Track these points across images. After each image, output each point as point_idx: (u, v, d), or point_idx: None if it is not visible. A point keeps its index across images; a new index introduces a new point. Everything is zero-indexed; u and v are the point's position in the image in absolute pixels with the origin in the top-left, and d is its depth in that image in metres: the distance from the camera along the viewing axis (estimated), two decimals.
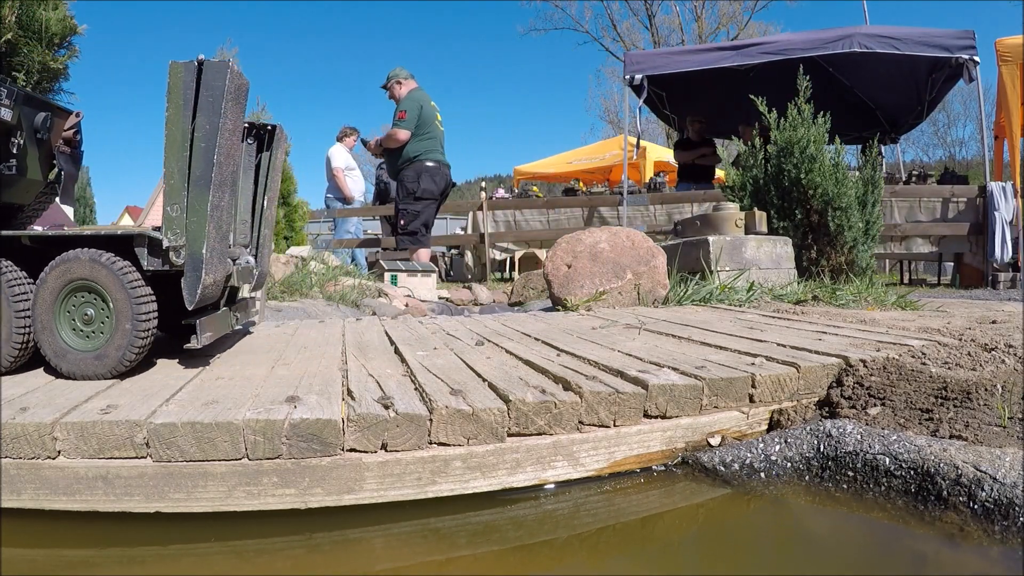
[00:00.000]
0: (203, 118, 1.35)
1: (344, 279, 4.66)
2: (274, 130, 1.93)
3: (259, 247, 1.94)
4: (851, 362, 1.47)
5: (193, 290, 1.37)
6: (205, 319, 1.49)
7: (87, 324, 1.40)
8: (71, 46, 3.28)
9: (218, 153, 1.36)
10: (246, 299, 2.00)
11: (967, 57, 6.47)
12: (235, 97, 1.41)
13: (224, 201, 1.44)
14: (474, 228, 8.68)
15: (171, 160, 1.36)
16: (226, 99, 1.36)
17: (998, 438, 1.13)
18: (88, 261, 1.38)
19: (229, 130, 1.40)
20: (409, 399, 1.20)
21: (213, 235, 1.39)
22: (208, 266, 1.38)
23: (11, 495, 1.05)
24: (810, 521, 1.07)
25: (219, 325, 1.60)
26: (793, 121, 4.39)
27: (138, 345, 1.39)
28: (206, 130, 1.35)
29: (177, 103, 1.34)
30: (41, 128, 1.87)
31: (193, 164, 1.36)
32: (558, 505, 1.14)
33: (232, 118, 1.41)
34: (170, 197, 1.36)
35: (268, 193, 1.94)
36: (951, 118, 28.50)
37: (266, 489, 1.06)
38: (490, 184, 17.41)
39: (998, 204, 6.42)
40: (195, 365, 1.57)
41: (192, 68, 1.35)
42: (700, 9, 25.84)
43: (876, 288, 3.42)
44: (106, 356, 1.38)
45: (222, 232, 1.45)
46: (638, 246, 3.15)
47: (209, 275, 1.39)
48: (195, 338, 1.43)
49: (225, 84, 1.35)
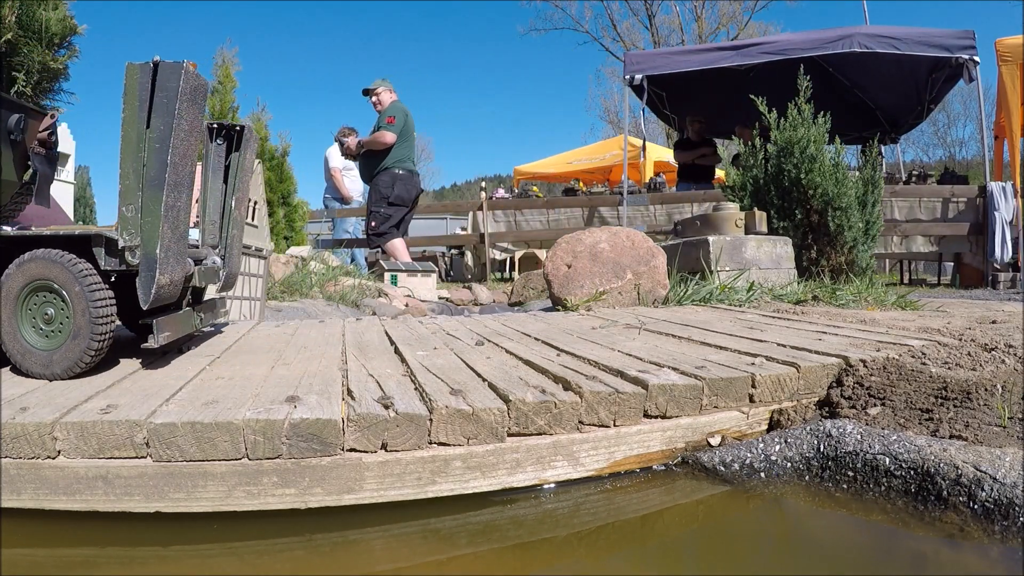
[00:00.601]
0: (157, 119, 1.36)
1: (344, 279, 4.66)
2: (243, 131, 1.93)
3: (228, 248, 1.94)
4: (851, 362, 1.47)
5: (148, 290, 1.37)
6: (163, 319, 1.49)
7: (48, 324, 1.41)
8: (71, 46, 3.28)
9: (172, 154, 1.37)
10: (214, 300, 2.00)
11: (967, 57, 6.48)
12: (191, 98, 1.41)
13: (181, 201, 1.44)
14: (474, 228, 8.68)
15: (126, 161, 1.37)
16: (181, 100, 1.36)
17: (998, 438, 1.13)
18: (48, 261, 1.39)
19: (185, 131, 1.41)
20: (409, 399, 1.20)
21: (168, 235, 1.40)
22: (163, 266, 1.38)
23: (11, 495, 1.05)
24: (810, 521, 1.07)
25: (180, 325, 1.61)
26: (793, 121, 4.39)
27: (95, 346, 1.40)
28: (160, 131, 1.36)
29: (132, 104, 1.35)
30: (15, 129, 1.87)
31: (148, 165, 1.36)
32: (558, 505, 1.14)
33: (188, 119, 1.41)
34: (125, 198, 1.37)
35: (236, 194, 1.94)
36: (951, 118, 28.52)
37: (266, 489, 1.06)
38: (490, 184, 17.41)
39: (998, 204, 6.42)
40: (195, 365, 1.57)
41: (148, 69, 1.35)
42: (700, 9, 25.85)
43: (876, 288, 3.42)
44: (64, 355, 1.39)
45: (179, 232, 1.45)
46: (638, 246, 3.15)
47: (165, 275, 1.40)
48: (152, 338, 1.44)
49: (180, 85, 1.35)
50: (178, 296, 1.55)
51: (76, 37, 3.25)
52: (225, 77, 5.51)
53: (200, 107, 1.48)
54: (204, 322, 1.84)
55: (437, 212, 15.92)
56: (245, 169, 1.96)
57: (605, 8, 27.54)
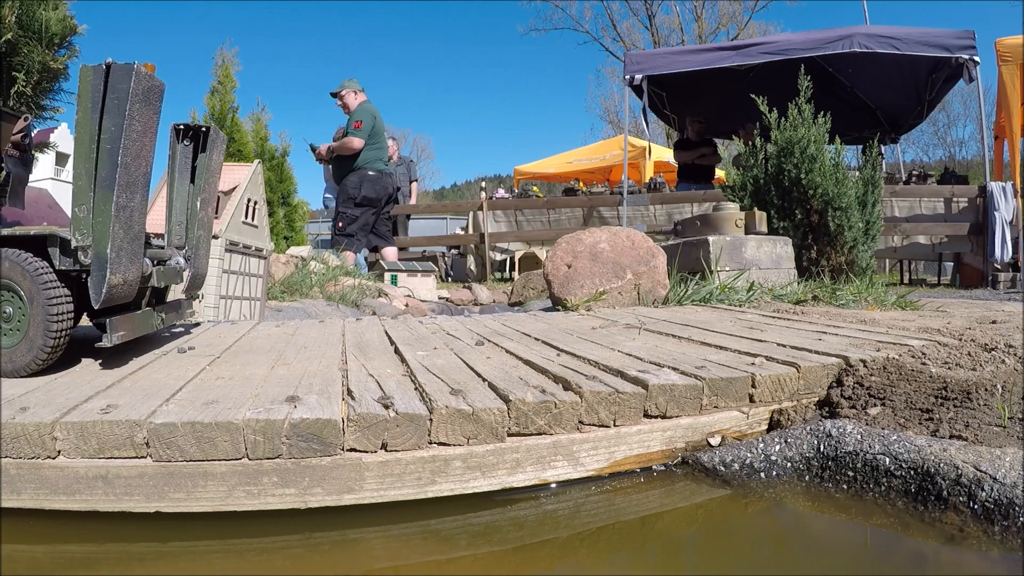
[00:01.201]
0: (109, 120, 1.37)
1: (344, 279, 4.66)
2: (208, 131, 1.94)
3: (194, 248, 1.95)
4: (851, 362, 1.47)
5: (99, 289, 1.38)
6: (118, 318, 1.50)
7: (6, 322, 1.43)
8: (71, 46, 3.28)
9: (124, 155, 1.37)
10: (179, 300, 2.01)
11: (967, 57, 6.48)
12: (144, 99, 1.42)
13: (135, 202, 1.45)
14: (474, 228, 8.68)
15: (79, 162, 1.38)
16: (132, 101, 1.37)
17: (998, 438, 1.13)
18: (5, 260, 1.41)
19: (138, 132, 1.41)
20: (409, 399, 1.20)
21: (120, 235, 1.41)
22: (114, 266, 1.39)
23: (11, 495, 1.05)
24: (810, 521, 1.07)
25: (137, 325, 1.61)
26: (793, 121, 4.39)
27: (50, 344, 1.41)
28: (111, 132, 1.37)
29: (85, 106, 1.36)
30: None
31: (99, 166, 1.37)
32: (558, 506, 1.14)
33: (141, 120, 1.42)
34: (77, 198, 1.38)
35: (202, 195, 1.95)
36: (951, 118, 28.53)
37: (266, 489, 1.06)
38: (490, 184, 17.42)
39: (998, 204, 6.42)
40: (195, 365, 1.57)
41: (100, 71, 1.36)
42: (700, 9, 25.86)
43: (876, 288, 3.42)
44: (21, 353, 1.41)
45: (133, 233, 1.46)
46: (638, 246, 3.15)
47: (116, 275, 1.40)
48: (106, 337, 1.45)
49: (131, 86, 1.36)
50: (135, 296, 1.56)
51: (76, 37, 3.25)
52: (225, 77, 5.51)
53: (155, 108, 1.49)
54: (166, 322, 1.85)
55: (437, 212, 15.92)
56: (212, 170, 1.97)
57: (605, 8, 27.58)
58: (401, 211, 9.01)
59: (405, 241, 8.93)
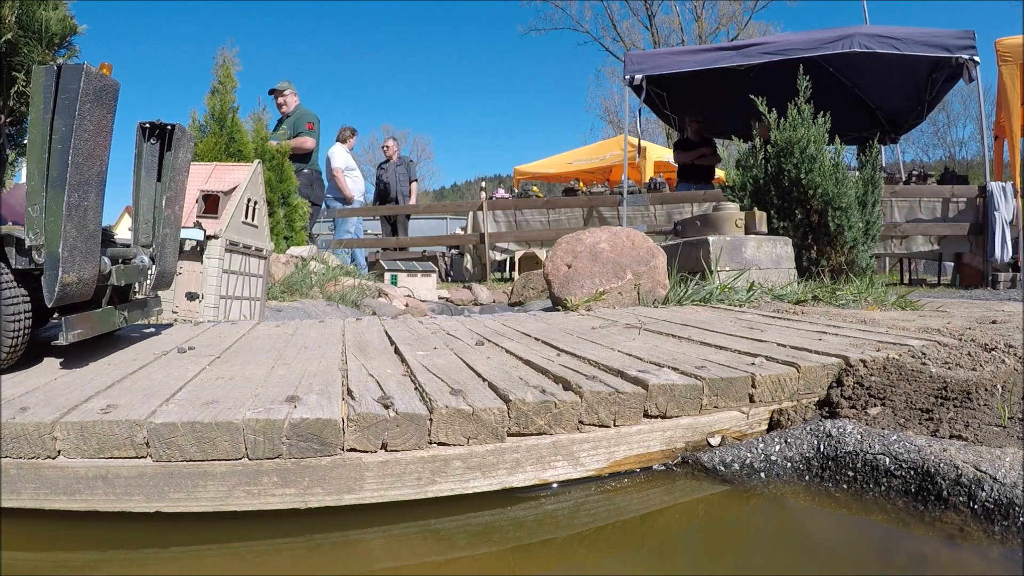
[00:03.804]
0: (60, 120, 1.37)
1: (344, 279, 4.67)
2: (174, 130, 1.94)
3: (161, 247, 1.95)
4: (851, 362, 1.47)
5: (51, 288, 1.38)
6: (74, 316, 1.51)
7: None
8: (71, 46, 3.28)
9: (75, 154, 1.38)
10: (146, 299, 2.02)
11: (967, 57, 6.48)
12: (95, 99, 1.42)
13: (88, 201, 1.46)
14: (474, 228, 8.68)
15: (32, 162, 1.39)
16: (83, 101, 1.38)
17: (998, 438, 1.13)
18: None
19: (90, 131, 1.42)
20: (409, 399, 1.20)
21: (73, 234, 1.41)
22: (67, 264, 1.40)
23: (11, 495, 1.05)
24: (810, 521, 1.07)
25: (95, 323, 1.62)
26: (793, 121, 4.39)
27: (8, 344, 1.41)
28: (63, 132, 1.37)
29: (38, 107, 1.37)
30: None
31: (51, 165, 1.38)
32: (558, 506, 1.14)
33: (93, 119, 1.43)
34: (31, 198, 1.39)
35: (168, 193, 1.96)
36: (951, 118, 28.53)
37: (266, 489, 1.06)
38: (490, 184, 17.42)
39: (998, 204, 6.42)
40: (195, 365, 1.57)
41: (52, 72, 1.37)
42: (700, 9, 25.86)
43: (876, 288, 3.42)
44: None
45: (87, 231, 1.47)
46: (638, 246, 3.15)
47: (70, 273, 1.41)
48: (62, 334, 1.45)
49: (80, 87, 1.37)
50: (92, 294, 1.57)
51: (76, 37, 3.25)
52: (226, 77, 5.50)
53: (108, 107, 1.49)
54: (130, 321, 1.86)
55: (437, 212, 15.92)
56: (178, 168, 1.98)
57: (605, 8, 27.57)
58: (401, 211, 9.02)
59: (405, 241, 8.93)
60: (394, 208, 8.95)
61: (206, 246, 2.97)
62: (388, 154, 9.21)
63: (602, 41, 27.58)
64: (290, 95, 6.86)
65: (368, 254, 8.79)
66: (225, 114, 5.48)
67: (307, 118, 6.78)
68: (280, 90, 6.87)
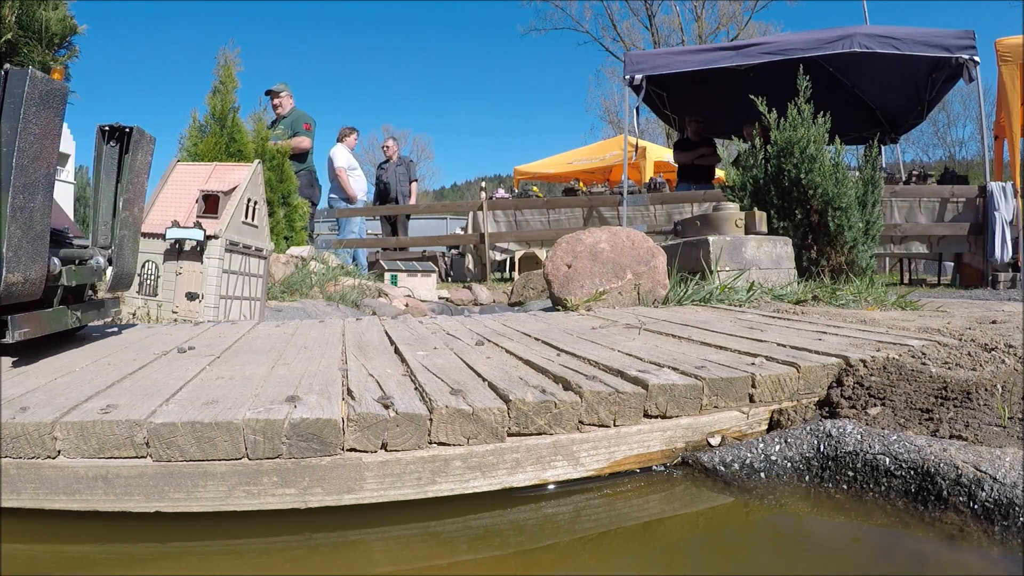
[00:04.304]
0: (5, 124, 1.39)
1: (344, 279, 4.67)
2: (132, 132, 1.95)
3: (119, 248, 1.96)
4: (851, 362, 1.47)
5: None
6: (21, 315, 1.52)
7: None
8: (71, 46, 3.28)
9: (19, 157, 1.40)
10: (103, 299, 2.03)
11: (967, 57, 6.48)
12: (42, 102, 1.44)
13: (35, 203, 1.47)
14: (474, 228, 8.69)
15: None
16: (28, 104, 1.39)
17: (998, 438, 1.13)
18: None
19: (36, 134, 1.44)
20: (409, 399, 1.20)
21: (18, 235, 1.43)
22: (11, 265, 1.41)
23: (11, 495, 1.05)
24: (810, 521, 1.07)
25: (44, 323, 1.63)
26: (793, 121, 4.39)
27: None
28: (7, 135, 1.39)
29: None
30: None
31: None
32: (558, 508, 1.14)
33: (39, 123, 1.44)
34: None
35: (126, 194, 1.97)
36: (951, 118, 28.55)
37: (266, 489, 1.06)
38: (490, 184, 17.42)
39: (998, 204, 6.42)
40: (195, 365, 1.57)
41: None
42: (700, 9, 25.87)
43: (876, 288, 3.42)
44: None
45: (34, 232, 1.48)
46: (638, 246, 3.15)
47: (15, 273, 1.42)
48: (8, 333, 1.47)
49: (25, 91, 1.38)
50: (41, 294, 1.58)
51: (76, 37, 3.25)
52: (227, 77, 5.50)
53: (55, 111, 1.51)
54: (84, 321, 1.87)
55: (437, 212, 15.93)
56: (136, 170, 1.99)
57: (605, 8, 27.58)
58: (401, 211, 9.02)
59: (405, 241, 8.94)
60: (394, 208, 8.95)
61: (206, 246, 2.98)
62: (388, 154, 9.22)
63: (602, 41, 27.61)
64: (286, 97, 6.97)
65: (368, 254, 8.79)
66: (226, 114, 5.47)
67: (304, 119, 6.90)
68: (276, 91, 6.97)
